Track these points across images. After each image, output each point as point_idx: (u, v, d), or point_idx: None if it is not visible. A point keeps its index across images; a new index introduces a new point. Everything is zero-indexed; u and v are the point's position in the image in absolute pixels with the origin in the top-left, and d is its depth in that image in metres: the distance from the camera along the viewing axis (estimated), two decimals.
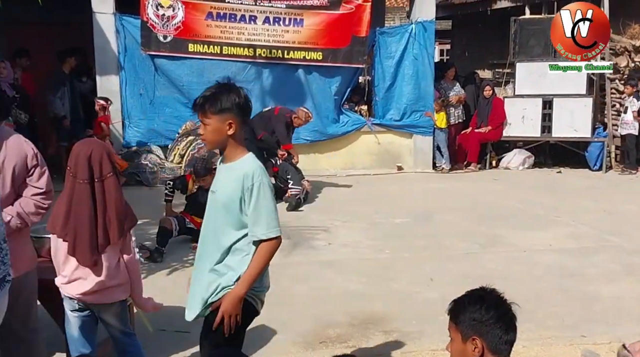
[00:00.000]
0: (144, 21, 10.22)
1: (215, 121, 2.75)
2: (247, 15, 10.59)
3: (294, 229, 7.37)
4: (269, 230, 2.74)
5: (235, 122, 2.75)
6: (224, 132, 2.76)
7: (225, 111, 2.73)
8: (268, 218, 2.74)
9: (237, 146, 2.81)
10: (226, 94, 2.74)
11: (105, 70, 10.24)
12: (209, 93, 2.78)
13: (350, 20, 10.80)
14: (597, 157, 11.44)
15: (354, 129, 11.29)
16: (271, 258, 2.79)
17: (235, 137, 2.79)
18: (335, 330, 4.55)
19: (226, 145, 2.81)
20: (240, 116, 2.76)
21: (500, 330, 2.15)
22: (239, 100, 2.75)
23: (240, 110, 2.75)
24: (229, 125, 2.75)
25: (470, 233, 7.21)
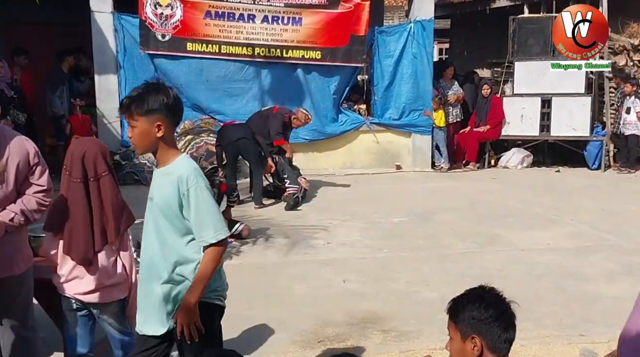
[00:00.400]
0: (142, 20, 10.20)
1: (143, 123, 2.61)
2: (246, 14, 10.57)
3: (292, 228, 7.38)
4: (216, 233, 2.63)
5: (165, 123, 2.62)
6: (152, 134, 2.62)
7: (152, 112, 2.59)
8: (213, 221, 2.64)
9: (168, 148, 2.69)
10: (154, 94, 2.61)
11: (104, 70, 10.23)
12: (135, 93, 2.65)
13: (349, 19, 10.79)
14: (595, 156, 11.45)
15: (352, 128, 11.28)
16: (219, 261, 2.70)
17: (166, 140, 2.66)
18: (334, 329, 4.54)
19: (157, 149, 2.67)
20: (169, 117, 2.63)
21: (499, 329, 2.15)
22: (167, 100, 2.61)
23: (169, 111, 2.62)
24: (158, 127, 2.61)
25: (469, 232, 7.21)
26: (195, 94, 10.62)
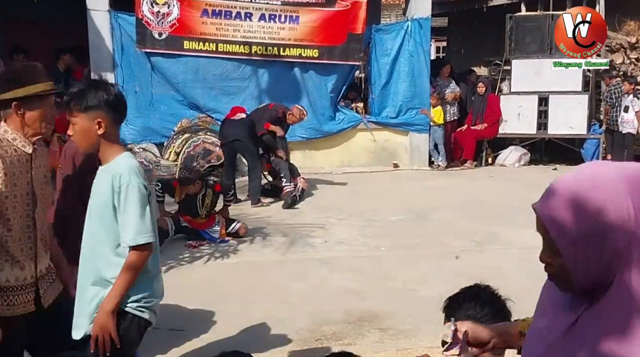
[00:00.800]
0: (139, 18, 10.18)
1: (82, 120, 2.53)
2: (243, 12, 10.57)
3: (289, 226, 7.37)
4: (136, 236, 2.49)
5: (105, 120, 2.54)
6: (93, 132, 2.54)
7: (92, 109, 2.52)
8: (136, 222, 2.50)
9: (110, 146, 2.59)
10: (93, 90, 2.54)
11: (100, 68, 10.20)
12: (76, 90, 2.58)
13: (346, 17, 10.78)
14: (592, 154, 11.47)
15: (349, 127, 11.28)
16: (141, 267, 2.53)
17: (107, 137, 2.57)
18: (331, 327, 4.54)
19: (99, 147, 2.59)
20: (111, 114, 2.55)
21: None
22: (107, 97, 2.53)
23: (110, 107, 2.55)
24: (98, 124, 2.53)
25: (466, 231, 7.21)
26: (192, 92, 10.61)
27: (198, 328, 4.49)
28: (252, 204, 8.44)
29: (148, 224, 2.52)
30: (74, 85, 9.97)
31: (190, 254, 6.36)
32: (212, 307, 4.88)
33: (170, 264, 5.93)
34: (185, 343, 4.21)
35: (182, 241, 6.59)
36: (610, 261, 1.25)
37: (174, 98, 10.57)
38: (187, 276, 5.64)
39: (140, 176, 2.54)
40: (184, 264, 6.05)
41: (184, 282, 5.37)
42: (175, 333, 4.25)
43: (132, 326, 2.59)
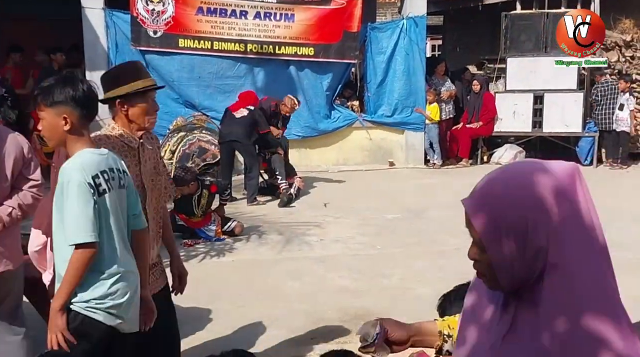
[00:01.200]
0: (133, 16, 10.16)
1: (49, 115, 2.50)
2: (238, 10, 10.55)
3: (286, 225, 7.37)
4: (74, 234, 2.40)
5: (72, 116, 2.48)
6: (59, 127, 2.49)
7: (58, 104, 2.48)
8: (72, 221, 2.42)
9: (75, 142, 2.53)
10: (61, 86, 2.49)
11: (95, 66, 10.17)
12: (45, 84, 2.55)
13: (341, 15, 10.78)
14: (587, 152, 11.50)
15: (345, 125, 11.28)
16: (82, 267, 2.42)
17: (74, 133, 2.52)
18: (327, 326, 4.54)
19: (66, 143, 2.54)
20: (78, 110, 2.49)
21: None
22: (74, 93, 2.48)
23: (77, 103, 2.49)
24: (64, 120, 2.48)
25: (462, 228, 7.06)
26: (187, 90, 10.59)
27: (193, 327, 4.48)
28: (248, 202, 8.43)
29: (87, 222, 2.41)
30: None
31: (186, 252, 6.35)
32: (207, 305, 4.87)
33: (165, 262, 5.91)
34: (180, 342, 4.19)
35: (178, 240, 6.58)
36: (534, 258, 1.27)
37: (169, 96, 10.55)
38: None
39: (88, 172, 2.44)
40: None
41: None
42: None
43: (83, 326, 2.49)
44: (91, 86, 2.57)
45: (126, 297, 2.56)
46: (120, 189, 2.59)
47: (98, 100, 2.63)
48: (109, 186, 2.51)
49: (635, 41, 11.86)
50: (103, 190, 2.49)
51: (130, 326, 2.64)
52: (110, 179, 2.53)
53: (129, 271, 2.60)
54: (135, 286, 2.64)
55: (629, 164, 11.23)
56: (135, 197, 2.71)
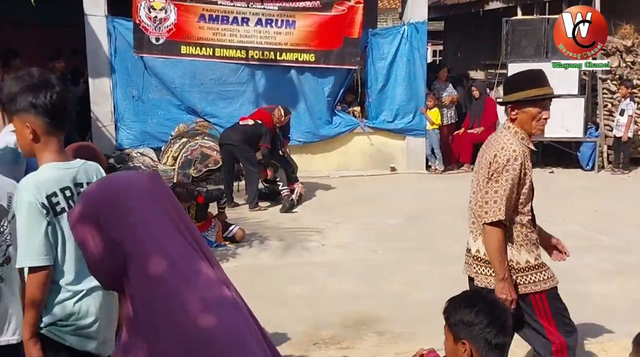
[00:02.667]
0: (136, 23, 10.21)
1: (16, 124, 2.37)
2: (240, 17, 10.60)
3: (287, 230, 7.39)
4: (22, 257, 2.27)
5: (36, 126, 2.32)
6: (25, 136, 2.35)
7: (20, 112, 2.33)
8: (22, 243, 2.28)
9: (42, 153, 2.37)
10: (24, 93, 2.32)
11: (98, 73, 10.23)
12: (11, 91, 2.38)
13: (342, 21, 10.81)
14: (589, 157, 11.50)
15: (347, 131, 11.31)
16: (39, 291, 2.27)
17: (39, 143, 2.36)
18: (328, 331, 4.56)
19: (34, 154, 2.39)
20: (40, 119, 2.32)
21: (490, 335, 2.15)
22: (35, 100, 2.30)
23: (39, 112, 2.31)
24: (28, 129, 2.33)
25: (463, 234, 7.17)
26: (189, 97, 10.63)
27: None
28: (250, 208, 8.46)
29: (36, 245, 2.26)
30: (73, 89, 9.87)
31: None
32: None
33: None
34: None
35: None
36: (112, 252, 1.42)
37: (171, 103, 10.59)
38: None
39: (42, 190, 2.28)
40: None
41: None
42: None
43: (54, 352, 2.36)
44: (62, 94, 2.37)
45: (96, 314, 2.41)
46: None
47: (69, 108, 2.43)
48: (70, 204, 2.34)
49: (635, 46, 11.87)
50: (61, 209, 2.32)
51: (110, 349, 2.46)
52: (75, 195, 2.36)
53: (96, 286, 2.36)
54: (107, 304, 2.46)
55: (630, 169, 11.25)
56: None
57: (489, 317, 2.16)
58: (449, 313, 2.25)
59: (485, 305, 2.21)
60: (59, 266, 2.35)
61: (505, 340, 2.19)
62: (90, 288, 2.40)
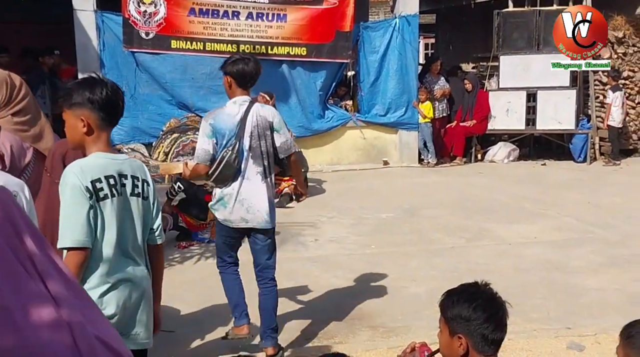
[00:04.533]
0: (125, 18, 10.12)
1: (68, 117, 2.50)
2: (230, 11, 10.53)
3: (280, 225, 7.30)
4: (63, 238, 2.37)
5: (90, 119, 2.46)
6: (78, 129, 2.48)
7: (75, 106, 2.47)
8: (63, 224, 2.38)
9: (93, 145, 2.50)
10: (81, 88, 2.48)
11: (87, 68, 10.09)
12: (67, 86, 2.57)
13: (333, 15, 10.77)
14: (581, 149, 11.53)
15: (339, 125, 11.27)
16: (75, 272, 2.29)
17: (92, 135, 2.49)
18: (322, 326, 4.54)
19: (84, 146, 2.52)
20: (95, 113, 2.46)
21: (487, 330, 2.14)
22: (91, 95, 2.45)
23: (94, 106, 2.46)
24: (82, 122, 2.46)
25: (457, 227, 7.23)
26: (180, 91, 10.57)
27: (188, 329, 4.47)
28: None
29: (77, 227, 2.35)
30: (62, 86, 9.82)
31: (181, 254, 6.34)
32: (202, 307, 4.86)
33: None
34: (175, 344, 4.19)
35: (173, 241, 6.56)
36: None
37: (162, 98, 10.52)
38: (177, 277, 5.61)
39: (87, 175, 2.38)
40: (174, 264, 6.03)
41: (174, 283, 5.34)
42: (166, 334, 4.22)
43: None
44: (115, 90, 2.53)
45: (118, 308, 2.46)
46: (134, 197, 2.51)
47: (121, 105, 2.58)
48: (113, 192, 2.45)
49: (627, 38, 11.89)
50: (104, 195, 2.42)
51: (134, 343, 2.50)
52: (119, 184, 2.47)
53: (125, 279, 2.48)
54: (136, 297, 2.53)
55: (619, 159, 11.31)
56: (156, 212, 2.63)
57: (487, 313, 2.14)
58: (446, 306, 2.22)
59: (484, 300, 2.19)
60: (96, 251, 2.41)
61: (502, 336, 2.18)
62: (118, 280, 2.46)
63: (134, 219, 2.53)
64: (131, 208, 2.52)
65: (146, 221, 2.58)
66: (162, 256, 2.78)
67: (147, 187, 2.59)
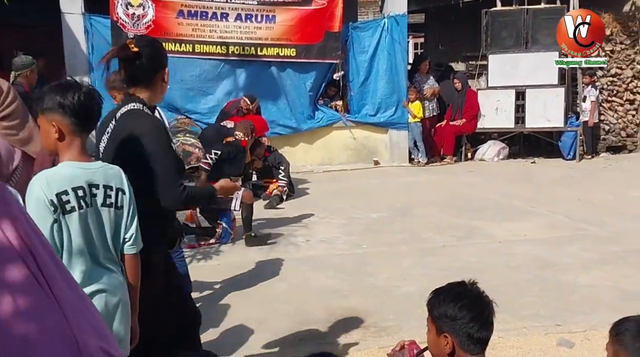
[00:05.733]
0: (113, 21, 10.10)
1: (42, 122, 2.46)
2: (219, 13, 10.52)
3: (272, 226, 7.36)
4: None
5: (61, 124, 2.40)
6: (50, 135, 2.43)
7: (47, 111, 2.41)
8: None
9: (65, 152, 2.44)
10: (53, 93, 2.42)
11: (76, 72, 10.07)
12: (42, 90, 2.50)
13: (322, 15, 10.78)
14: (570, 146, 11.60)
15: (329, 125, 11.28)
16: None
17: (64, 141, 2.43)
18: (313, 327, 4.53)
19: (57, 151, 2.47)
20: (67, 119, 2.40)
21: (472, 330, 2.15)
22: (62, 100, 2.39)
23: (66, 111, 2.40)
24: (54, 128, 2.41)
25: (448, 226, 7.24)
26: (169, 93, 10.51)
27: None
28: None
29: None
30: None
31: None
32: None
33: None
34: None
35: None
36: None
37: None
38: None
39: (52, 187, 2.31)
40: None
41: None
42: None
43: None
44: (90, 95, 2.44)
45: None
46: (105, 208, 2.43)
47: (96, 110, 2.49)
48: (82, 204, 2.37)
49: (614, 35, 11.97)
50: (71, 208, 2.35)
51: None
52: (88, 196, 2.39)
53: (99, 290, 2.42)
54: (112, 306, 2.47)
55: (598, 153, 11.68)
56: (130, 221, 2.53)
57: (472, 313, 2.16)
58: (433, 305, 2.24)
59: (470, 300, 2.20)
60: (67, 264, 2.31)
61: (487, 335, 2.19)
62: (92, 292, 2.38)
63: (106, 230, 2.46)
64: (102, 219, 2.44)
65: (118, 231, 2.50)
66: (135, 266, 2.63)
67: (123, 196, 2.49)
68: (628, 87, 12.11)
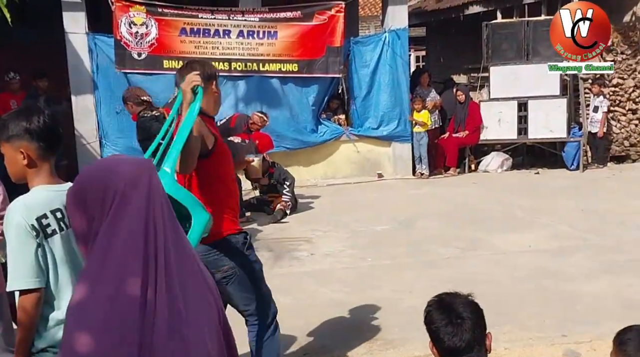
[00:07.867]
0: (117, 40, 10.19)
1: (7, 151, 2.40)
2: (221, 30, 10.60)
3: (276, 240, 7.38)
4: (13, 280, 2.26)
5: (29, 150, 2.36)
6: (18, 162, 2.38)
7: (14, 138, 2.36)
8: (12, 266, 2.27)
9: (35, 177, 2.40)
10: (16, 119, 2.37)
11: (80, 90, 10.19)
12: (3, 118, 2.44)
13: (324, 31, 10.85)
14: (573, 156, 11.60)
15: (332, 139, 11.33)
16: (31, 314, 2.26)
17: (33, 167, 2.39)
18: (320, 341, 4.55)
19: (26, 178, 2.42)
20: (35, 144, 2.36)
21: (445, 337, 2.14)
22: (28, 125, 2.35)
23: (33, 137, 2.36)
24: (21, 155, 2.37)
25: (452, 238, 7.25)
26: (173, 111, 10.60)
27: None
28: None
29: (26, 267, 2.25)
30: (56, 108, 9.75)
31: None
32: None
33: None
34: None
35: None
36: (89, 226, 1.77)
37: None
38: None
39: (32, 212, 2.28)
40: None
41: None
42: None
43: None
44: (53, 117, 2.43)
45: None
46: None
47: (59, 132, 2.46)
48: (62, 225, 2.35)
49: (615, 45, 12.01)
50: (52, 230, 2.33)
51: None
52: (66, 217, 2.34)
53: None
54: None
55: (605, 163, 11.54)
56: None
57: (443, 321, 2.17)
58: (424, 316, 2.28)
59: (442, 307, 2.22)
60: (52, 289, 2.32)
61: (456, 343, 2.13)
62: None
63: None
64: None
65: None
66: None
67: None
68: (630, 97, 12.13)
